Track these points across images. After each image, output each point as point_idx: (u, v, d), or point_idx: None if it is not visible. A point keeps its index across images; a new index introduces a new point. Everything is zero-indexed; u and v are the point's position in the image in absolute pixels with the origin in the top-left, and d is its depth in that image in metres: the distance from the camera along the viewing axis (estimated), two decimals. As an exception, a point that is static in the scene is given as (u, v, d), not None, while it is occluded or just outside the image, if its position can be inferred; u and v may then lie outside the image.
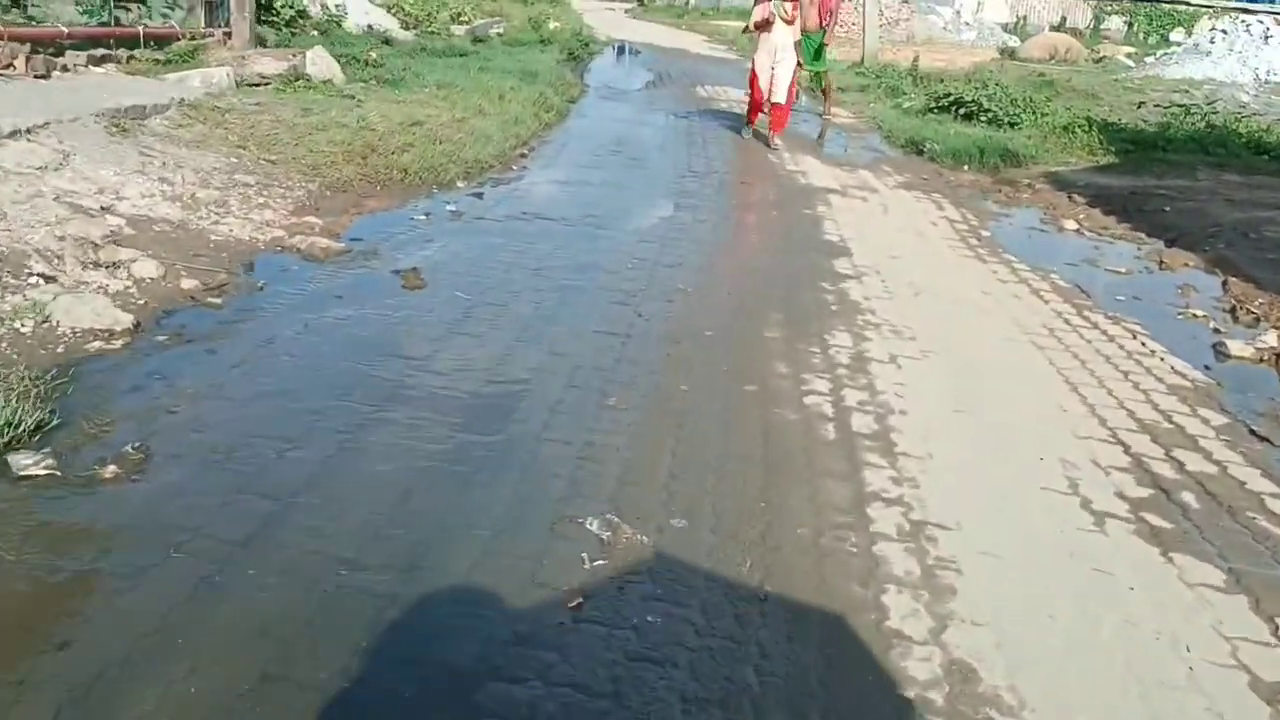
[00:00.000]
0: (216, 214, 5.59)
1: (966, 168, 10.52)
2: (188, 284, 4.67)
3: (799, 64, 11.63)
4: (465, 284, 5.22)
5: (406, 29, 20.03)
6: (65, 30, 7.74)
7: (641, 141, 10.67)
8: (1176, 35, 52.62)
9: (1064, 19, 52.86)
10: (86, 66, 7.74)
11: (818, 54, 13.24)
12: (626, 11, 54.36)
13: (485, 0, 39.76)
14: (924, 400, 4.16)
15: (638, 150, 10.08)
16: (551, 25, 25.80)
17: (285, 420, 3.51)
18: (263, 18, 15.11)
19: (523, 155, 9.09)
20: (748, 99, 11.53)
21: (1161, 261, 7.18)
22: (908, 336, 4.99)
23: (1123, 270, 6.87)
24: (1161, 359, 5.03)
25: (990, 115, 12.45)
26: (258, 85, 9.02)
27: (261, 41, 11.71)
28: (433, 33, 20.25)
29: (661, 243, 6.44)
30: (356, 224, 6.16)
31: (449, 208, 6.79)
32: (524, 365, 4.19)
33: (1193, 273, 7.00)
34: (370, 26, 17.62)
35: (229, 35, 10.56)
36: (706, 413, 3.88)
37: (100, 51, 8.13)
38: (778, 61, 10.67)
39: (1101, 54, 29.54)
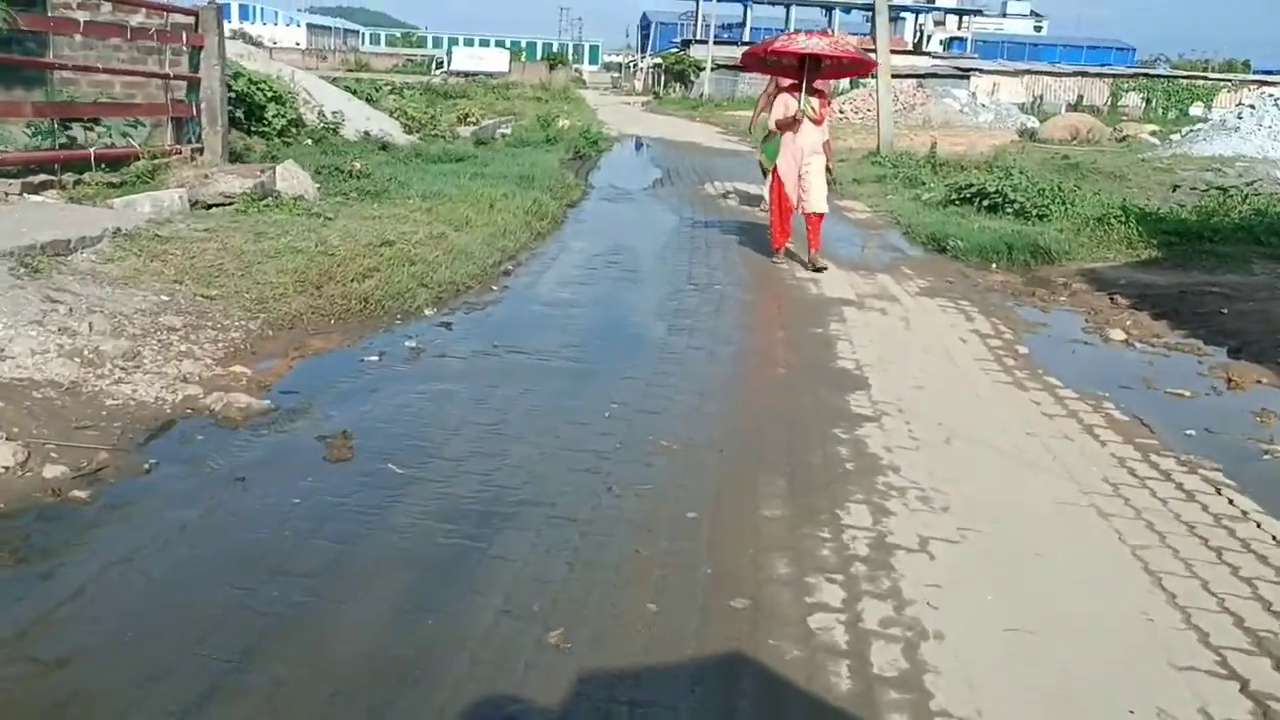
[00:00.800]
0: (122, 370, 4.77)
1: (995, 266, 9.67)
2: (53, 471, 3.82)
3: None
4: (402, 450, 4.34)
5: (409, 133, 19.64)
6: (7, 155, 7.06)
7: (639, 250, 9.89)
8: (1196, 110, 52.33)
9: (1080, 97, 52.65)
10: (21, 195, 7.05)
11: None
12: (644, 105, 54.72)
13: (499, 100, 40.24)
14: (965, 614, 3.20)
15: (634, 260, 9.28)
16: (561, 123, 25.47)
17: (105, 696, 2.61)
18: (253, 128, 14.68)
19: (506, 273, 8.30)
20: (766, 209, 10.53)
21: (1230, 379, 6.22)
22: (939, 506, 4.05)
23: (1186, 393, 5.92)
24: (1258, 524, 4.06)
25: (1016, 206, 11.63)
26: (219, 206, 8.32)
27: (238, 157, 11.12)
28: (436, 136, 19.85)
29: (647, 381, 5.56)
30: (294, 372, 5.33)
31: (408, 344, 5.96)
32: (444, 579, 3.27)
33: (1267, 391, 6.05)
34: (367, 133, 17.16)
35: (200, 151, 9.93)
36: (675, 649, 2.94)
37: (41, 177, 7.44)
38: (806, 166, 9.20)
39: (1125, 133, 28.89)
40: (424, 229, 8.66)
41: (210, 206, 8.25)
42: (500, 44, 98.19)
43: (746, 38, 61.49)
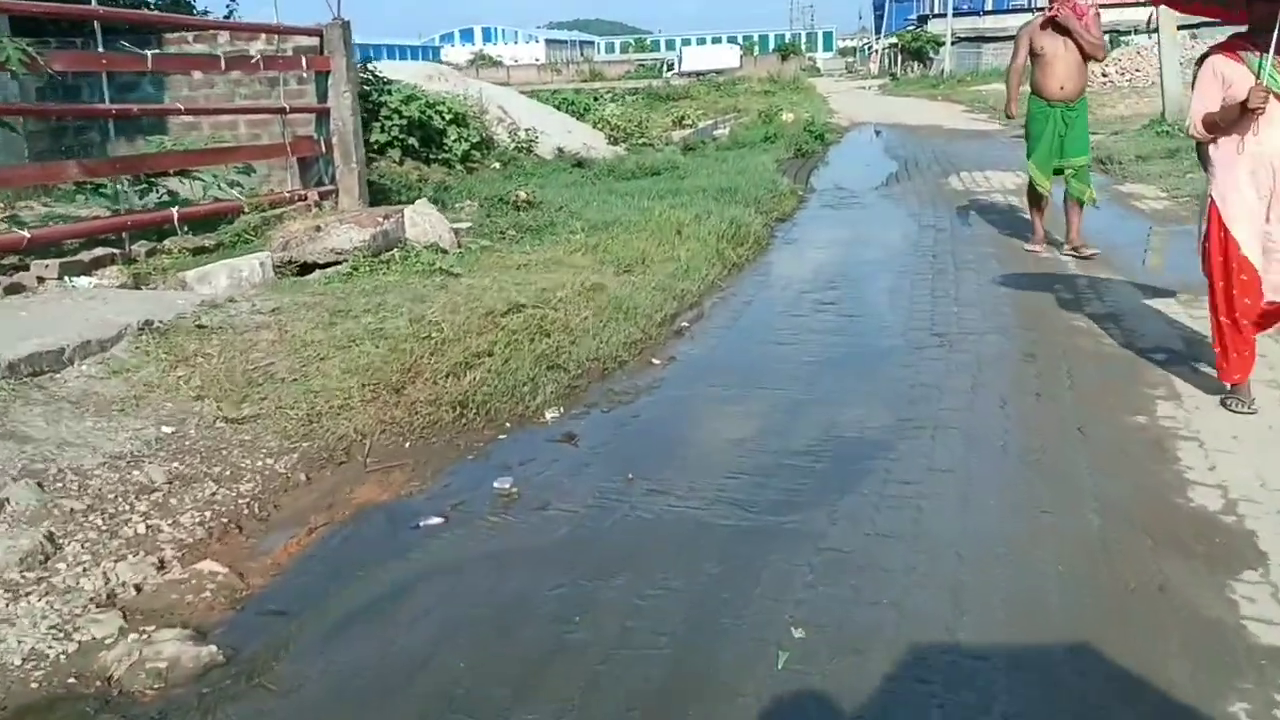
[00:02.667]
0: (6, 594, 3.03)
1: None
2: None
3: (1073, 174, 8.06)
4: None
5: (614, 143, 17.97)
6: (26, 236, 5.64)
7: (862, 279, 7.57)
8: None
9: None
10: (61, 278, 5.62)
11: (1079, 138, 8.16)
12: (880, 89, 51.31)
13: (723, 98, 38.32)
14: None
15: (854, 297, 6.98)
16: (785, 117, 23.25)
17: None
18: (432, 156, 13.36)
19: (679, 332, 6.23)
20: (1032, 249, 8.20)
21: None
22: None
23: None
24: None
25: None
26: (330, 266, 6.70)
27: (397, 193, 9.62)
28: (644, 145, 18.06)
29: (857, 548, 3.34)
30: (304, 558, 3.46)
31: (498, 484, 3.99)
32: None
33: None
34: (561, 150, 15.53)
35: (331, 194, 8.43)
36: None
37: (97, 251, 6.02)
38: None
39: None
40: (578, 278, 6.73)
41: (315, 268, 6.65)
42: (732, 40, 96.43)
43: (988, 7, 56.55)
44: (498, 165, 14.33)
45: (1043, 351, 5.52)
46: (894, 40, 64.38)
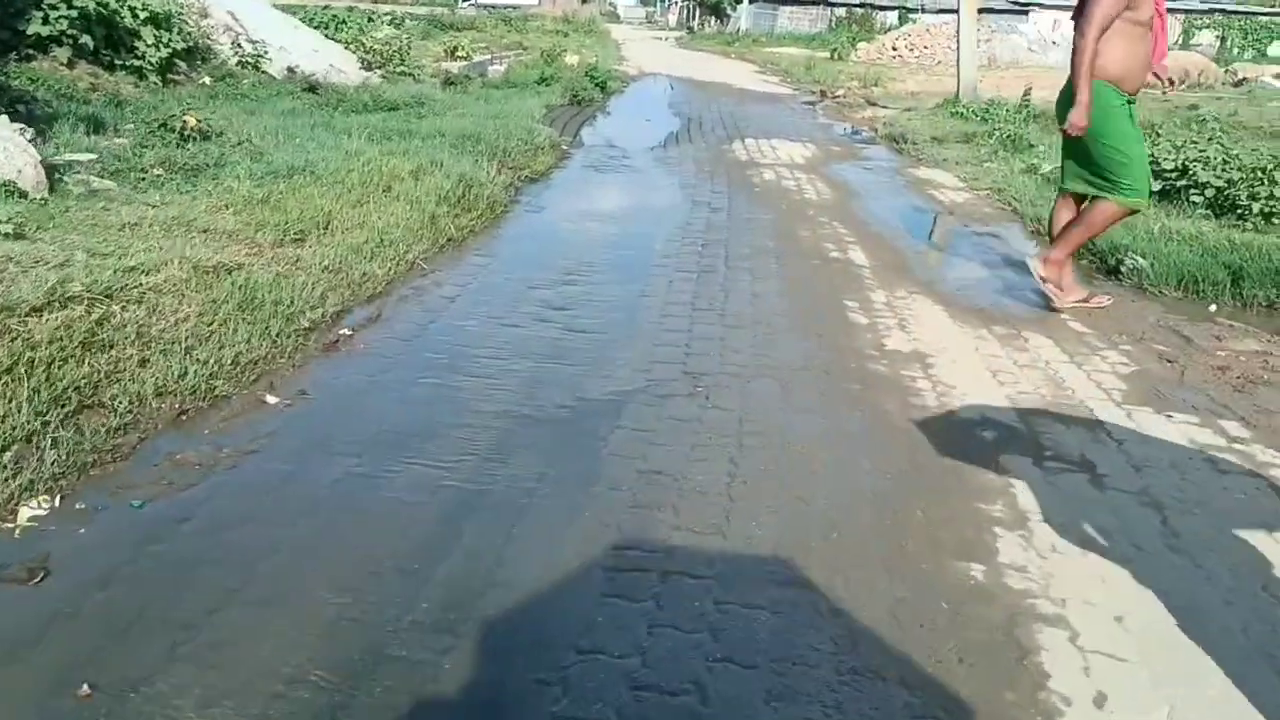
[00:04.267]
0: None
1: (1214, 308, 5.64)
2: None
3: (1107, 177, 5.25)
4: None
5: (368, 69, 15.56)
6: None
7: (611, 272, 5.87)
8: (1276, 49, 46.91)
9: (1166, 35, 47.39)
10: None
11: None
12: (676, 41, 49.96)
13: (511, 34, 35.94)
14: None
15: (593, 300, 5.27)
16: (568, 59, 21.38)
17: None
18: (116, 61, 10.74)
19: (333, 344, 4.34)
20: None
21: None
22: None
23: None
24: None
25: (1212, 194, 7.46)
26: None
27: (25, 104, 7.19)
28: (403, 74, 15.78)
29: None
30: None
31: None
32: None
33: None
34: (292, 69, 13.12)
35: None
36: None
37: None
38: None
39: (1240, 75, 24.17)
40: (204, 251, 4.72)
41: None
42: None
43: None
44: (207, 80, 11.80)
45: (830, 408, 3.97)
46: (694, -7, 63.34)
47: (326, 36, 17.39)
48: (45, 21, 9.90)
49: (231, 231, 5.19)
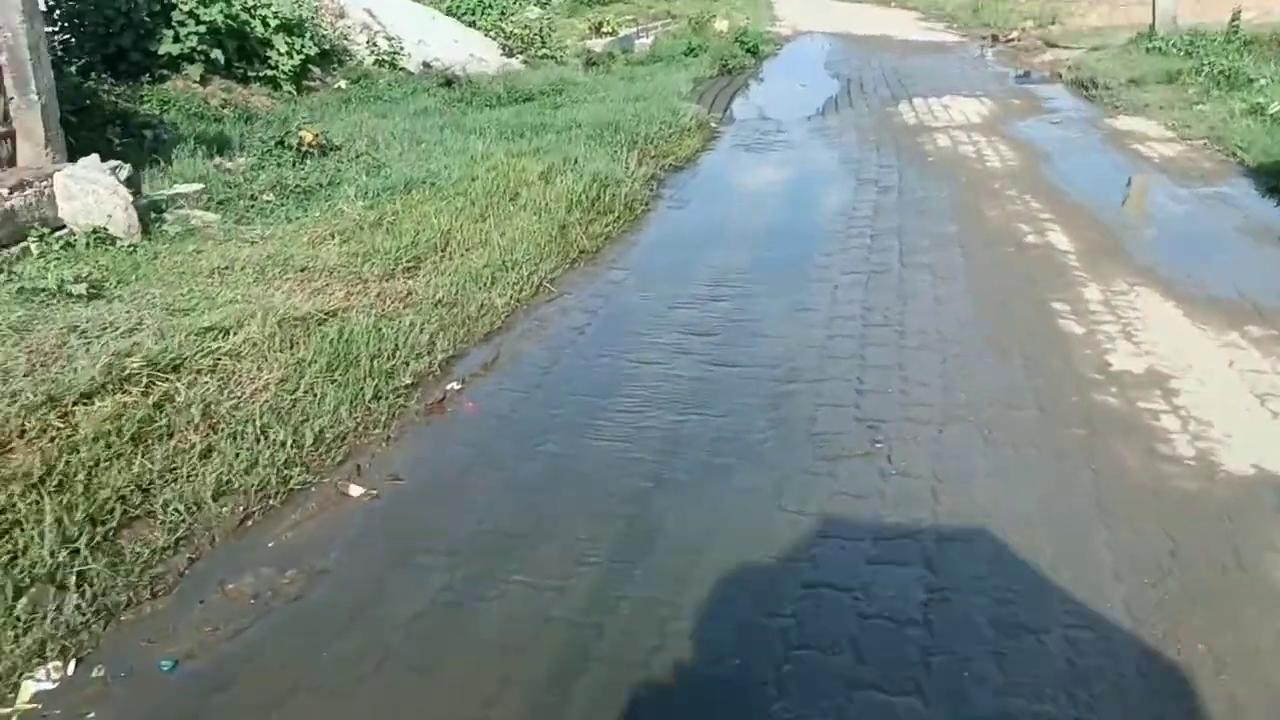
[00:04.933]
0: None
1: None
2: None
3: None
4: None
5: (510, 55, 15.05)
6: None
7: (764, 283, 5.02)
8: None
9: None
10: None
11: None
12: (831, -7, 47.79)
13: (659, 1, 35.07)
14: None
15: (743, 323, 4.45)
16: (717, 25, 20.38)
17: None
18: (250, 73, 10.50)
19: (438, 403, 3.70)
20: None
21: None
22: None
23: None
24: None
25: None
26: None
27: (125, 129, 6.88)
28: (545, 56, 15.20)
29: None
30: None
31: None
32: None
33: None
34: (428, 64, 12.70)
35: (6, 140, 5.69)
36: None
37: None
38: None
39: None
40: (295, 297, 4.16)
41: None
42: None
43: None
44: (343, 84, 11.47)
45: (1051, 470, 3.05)
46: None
47: (469, 24, 16.99)
48: (176, 40, 9.66)
49: (334, 268, 4.61)
